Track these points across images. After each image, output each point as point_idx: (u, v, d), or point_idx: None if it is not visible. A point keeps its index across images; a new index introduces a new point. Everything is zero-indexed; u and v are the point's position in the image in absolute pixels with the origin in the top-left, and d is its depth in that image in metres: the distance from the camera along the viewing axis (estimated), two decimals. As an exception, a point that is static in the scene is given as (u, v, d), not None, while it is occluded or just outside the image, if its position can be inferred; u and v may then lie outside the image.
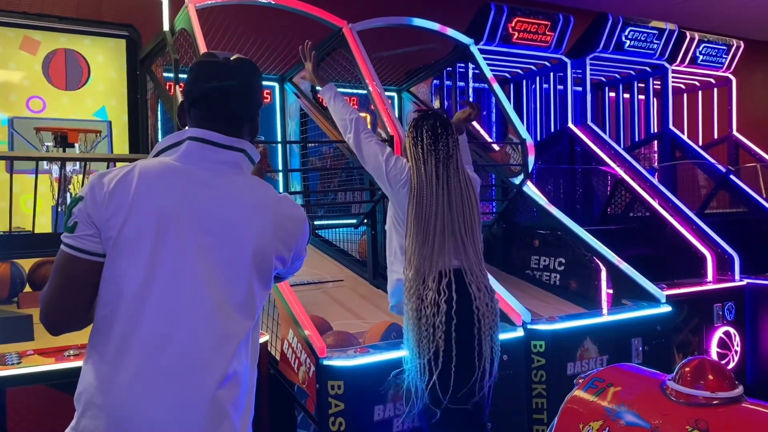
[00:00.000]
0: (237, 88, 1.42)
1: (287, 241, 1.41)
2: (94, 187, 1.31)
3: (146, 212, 1.30)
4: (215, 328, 1.31)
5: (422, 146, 2.47)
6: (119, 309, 1.28)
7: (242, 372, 1.35)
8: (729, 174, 5.94)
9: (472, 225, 2.46)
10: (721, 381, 1.57)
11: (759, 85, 9.69)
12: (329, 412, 2.57)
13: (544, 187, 5.63)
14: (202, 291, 1.31)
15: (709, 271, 4.60)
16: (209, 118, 1.40)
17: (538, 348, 3.23)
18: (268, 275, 1.40)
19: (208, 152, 1.37)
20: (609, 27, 5.90)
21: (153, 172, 1.34)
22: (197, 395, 1.28)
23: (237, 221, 1.35)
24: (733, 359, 4.42)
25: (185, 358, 1.28)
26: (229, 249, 1.33)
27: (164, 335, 1.28)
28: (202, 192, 1.34)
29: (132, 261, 1.29)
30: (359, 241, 4.31)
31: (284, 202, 1.44)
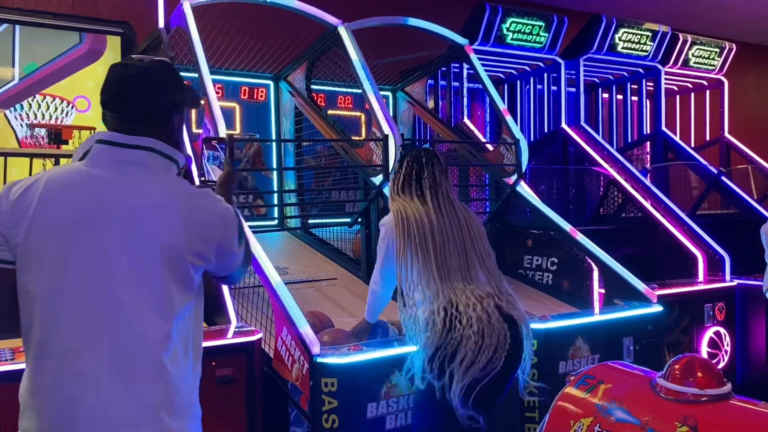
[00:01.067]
0: (142, 83, 1.42)
1: (203, 237, 1.38)
2: (2, 197, 1.36)
3: (50, 219, 1.32)
4: (131, 329, 1.31)
5: (408, 178, 2.44)
6: (34, 316, 1.32)
7: (173, 372, 1.34)
8: (720, 175, 5.99)
9: (473, 242, 2.38)
10: (710, 378, 1.60)
11: (751, 88, 9.76)
12: (323, 409, 2.58)
13: (537, 188, 5.66)
14: (113, 292, 1.31)
15: (700, 272, 4.63)
16: (118, 118, 1.41)
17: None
18: (185, 273, 1.37)
19: (113, 153, 1.38)
20: (603, 28, 5.93)
21: (58, 179, 1.36)
22: (119, 395, 1.29)
23: (144, 220, 1.34)
24: (723, 359, 4.46)
25: (103, 360, 1.29)
26: (138, 248, 1.33)
27: (80, 339, 1.30)
28: (108, 193, 1.35)
29: (40, 268, 1.32)
30: (353, 239, 4.33)
31: (198, 197, 1.42)
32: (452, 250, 2.34)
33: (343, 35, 4.11)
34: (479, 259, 2.38)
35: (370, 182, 3.90)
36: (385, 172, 3.72)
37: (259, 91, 5.09)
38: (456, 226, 2.38)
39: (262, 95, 5.11)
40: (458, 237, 2.36)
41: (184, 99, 1.50)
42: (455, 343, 2.20)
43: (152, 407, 1.31)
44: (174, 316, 1.36)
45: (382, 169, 3.74)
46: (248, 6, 4.05)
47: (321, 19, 4.16)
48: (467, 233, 2.39)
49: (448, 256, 2.32)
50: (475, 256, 2.37)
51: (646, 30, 6.26)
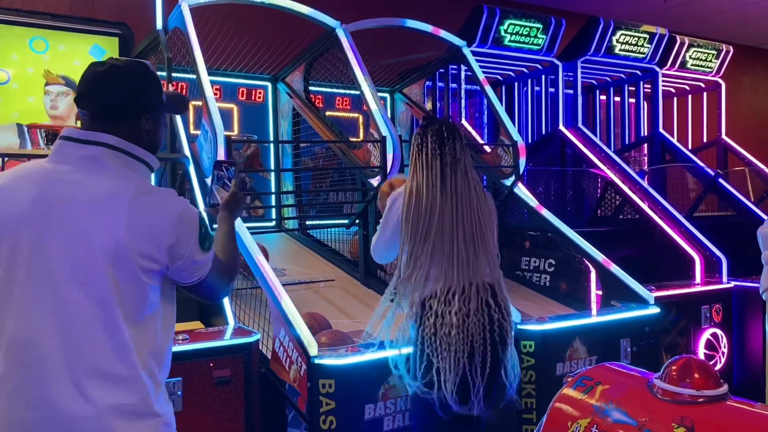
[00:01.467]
0: (109, 81, 1.42)
1: (150, 237, 1.35)
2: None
3: (3, 214, 1.34)
4: (77, 329, 1.30)
5: (427, 151, 2.36)
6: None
7: (126, 375, 1.32)
8: (718, 177, 6.00)
9: (482, 231, 2.34)
10: (706, 379, 1.60)
11: (748, 90, 9.78)
12: (320, 410, 2.58)
13: (534, 189, 5.66)
14: (58, 291, 1.30)
15: (697, 274, 4.64)
16: (87, 116, 1.42)
17: (528, 348, 3.26)
18: (132, 275, 1.33)
19: (69, 149, 1.39)
20: (600, 30, 5.94)
21: (19, 174, 1.39)
22: (66, 394, 1.27)
23: (87, 218, 1.32)
24: (720, 361, 4.46)
25: (49, 360, 1.28)
26: (82, 247, 1.32)
27: (26, 338, 1.29)
28: (56, 190, 1.35)
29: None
30: (351, 241, 4.33)
31: (148, 194, 1.38)
32: (458, 235, 2.30)
33: (341, 37, 4.11)
34: (483, 248, 2.35)
35: (368, 183, 3.90)
36: (383, 173, 3.72)
37: (257, 93, 5.09)
38: (467, 209, 2.32)
39: (260, 96, 5.11)
40: (467, 222, 2.31)
41: (156, 102, 1.48)
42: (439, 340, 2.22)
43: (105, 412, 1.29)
44: (133, 321, 1.33)
45: (380, 171, 3.74)
46: (246, 7, 4.05)
47: (319, 21, 4.16)
48: (476, 219, 2.34)
49: (453, 242, 2.29)
50: (481, 244, 2.34)
51: (644, 32, 6.27)
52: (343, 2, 5.51)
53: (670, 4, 7.80)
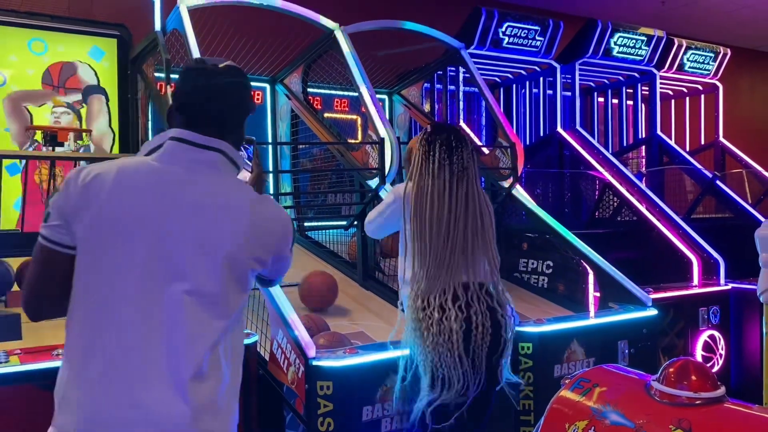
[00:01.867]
0: (221, 93, 1.43)
1: (264, 243, 1.40)
2: (70, 181, 1.34)
3: (118, 210, 1.31)
4: (185, 327, 1.30)
5: (435, 160, 2.36)
6: (88, 305, 1.30)
7: (218, 374, 1.34)
8: (715, 180, 6.01)
9: (486, 237, 2.38)
10: (704, 381, 1.61)
11: (745, 92, 9.80)
12: (318, 412, 2.58)
13: (533, 191, 5.67)
14: (171, 289, 1.30)
15: (695, 276, 4.65)
16: (193, 122, 1.42)
17: (526, 350, 3.26)
18: (244, 276, 1.39)
19: (185, 152, 1.39)
20: (598, 33, 5.96)
21: (130, 170, 1.36)
22: (167, 393, 1.27)
23: (209, 221, 1.34)
24: (717, 363, 4.47)
25: (153, 357, 1.28)
26: (201, 249, 1.33)
27: (133, 332, 1.28)
28: (176, 191, 1.35)
29: (101, 258, 1.30)
30: (349, 242, 4.32)
31: (263, 203, 1.44)
32: (463, 241, 2.33)
33: (340, 38, 4.12)
34: (485, 252, 2.38)
35: (366, 185, 3.90)
36: (381, 175, 3.72)
37: (256, 94, 5.09)
38: (473, 217, 2.35)
39: (258, 98, 5.11)
40: (472, 229, 2.34)
41: (252, 106, 1.53)
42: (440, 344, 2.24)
43: (197, 410, 1.29)
44: (227, 318, 1.36)
45: (378, 172, 3.74)
46: (245, 9, 4.06)
47: (318, 23, 4.17)
48: (480, 225, 2.37)
49: (457, 247, 2.32)
50: (483, 249, 2.37)
51: (642, 34, 6.29)
52: (342, 4, 5.51)
53: (667, 6, 7.82)
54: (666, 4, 7.76)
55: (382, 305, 3.59)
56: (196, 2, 3.78)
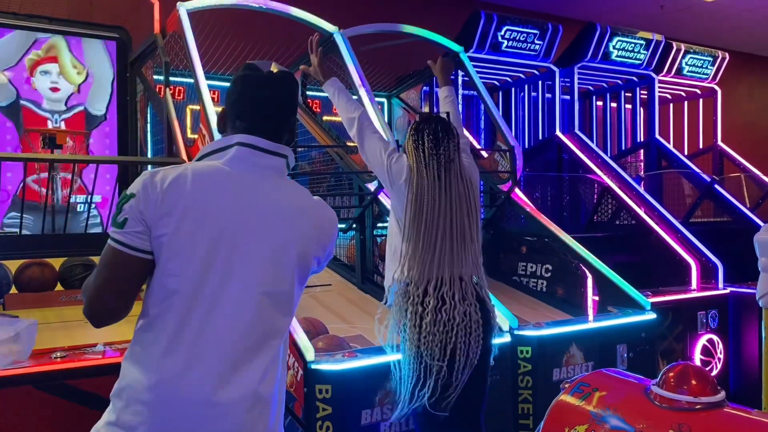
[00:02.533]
0: (283, 100, 1.50)
1: (324, 243, 1.51)
2: (147, 185, 1.34)
3: (200, 213, 1.35)
4: (261, 326, 1.38)
5: (423, 150, 2.44)
6: (171, 307, 1.33)
7: (278, 369, 1.43)
8: (714, 183, 6.02)
9: (472, 230, 2.44)
10: (703, 386, 1.60)
11: (743, 96, 9.82)
12: (317, 415, 2.57)
13: (531, 195, 5.67)
14: (251, 291, 1.37)
15: (693, 279, 4.65)
16: (254, 127, 1.46)
17: (525, 354, 3.25)
18: (307, 275, 1.50)
19: (255, 158, 1.44)
20: (597, 37, 5.97)
21: (206, 174, 1.39)
22: (243, 390, 1.34)
23: (284, 224, 1.43)
24: (716, 366, 4.47)
25: (232, 357, 1.34)
26: (276, 251, 1.41)
27: (214, 335, 1.33)
28: (252, 195, 1.41)
29: (185, 261, 1.33)
30: (348, 245, 4.32)
31: (321, 205, 1.54)
32: (452, 233, 2.39)
33: (339, 42, 4.12)
34: (472, 244, 2.44)
35: (365, 188, 3.90)
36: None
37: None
38: (460, 209, 2.42)
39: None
40: (459, 221, 2.40)
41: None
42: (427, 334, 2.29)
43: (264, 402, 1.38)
44: (292, 314, 1.47)
45: (376, 176, 3.74)
46: (244, 12, 4.06)
47: (317, 26, 4.17)
48: (467, 218, 2.43)
49: (446, 239, 2.38)
50: (469, 240, 2.43)
51: (640, 38, 6.30)
52: (342, 8, 5.52)
53: (666, 10, 7.84)
54: (665, 8, 7.78)
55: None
56: (196, 5, 3.78)
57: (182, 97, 4.71)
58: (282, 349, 1.45)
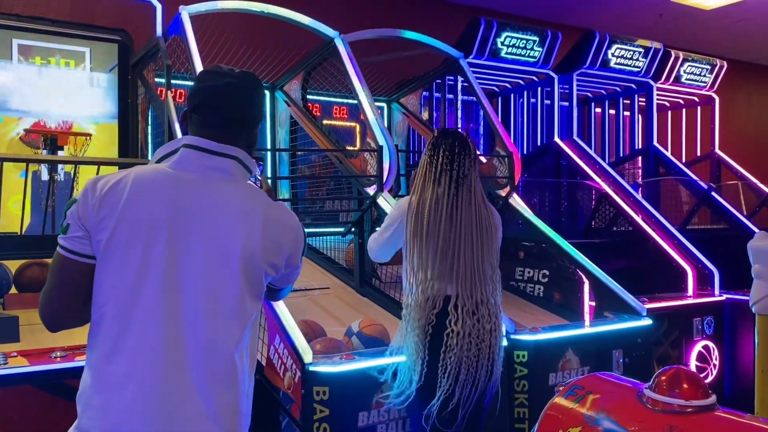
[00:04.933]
0: (235, 94, 1.46)
1: (277, 249, 1.42)
2: (88, 191, 1.36)
3: (137, 217, 1.33)
4: (204, 332, 1.33)
5: (437, 165, 2.42)
6: (110, 312, 1.32)
7: (235, 378, 1.36)
8: (711, 191, 6.05)
9: (482, 247, 2.39)
10: (695, 390, 1.63)
11: (741, 105, 9.87)
12: (314, 417, 2.59)
13: (529, 200, 5.69)
14: (190, 296, 1.33)
15: (689, 286, 4.68)
16: (207, 123, 1.44)
17: (521, 358, 3.27)
18: (259, 282, 1.41)
19: (200, 159, 1.41)
20: (596, 44, 6.00)
21: (146, 178, 1.37)
22: (186, 397, 1.30)
23: (225, 227, 1.37)
24: (711, 373, 4.49)
25: (173, 362, 1.30)
26: (218, 254, 1.35)
27: (154, 339, 1.31)
28: (192, 198, 1.37)
29: (122, 265, 1.32)
30: (346, 249, 4.34)
31: (275, 209, 1.46)
32: (461, 249, 2.36)
33: (340, 47, 4.15)
34: (486, 263, 2.41)
35: (364, 192, 3.93)
36: (379, 182, 3.75)
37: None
38: (471, 225, 2.38)
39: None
40: (467, 237, 2.37)
41: (263, 114, 1.56)
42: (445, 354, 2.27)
43: (218, 414, 1.33)
44: (244, 323, 1.39)
45: (376, 180, 3.77)
46: (246, 16, 4.09)
47: (318, 31, 4.20)
48: (477, 234, 2.39)
49: (453, 252, 2.36)
50: (479, 259, 2.39)
51: (639, 46, 6.34)
52: (342, 13, 5.56)
53: (665, 19, 7.89)
54: (663, 16, 7.83)
55: (378, 312, 3.61)
56: (198, 9, 3.81)
57: (183, 100, 4.74)
58: (237, 359, 1.36)
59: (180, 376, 1.31)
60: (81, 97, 4.46)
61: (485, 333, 2.35)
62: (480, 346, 2.33)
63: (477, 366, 2.33)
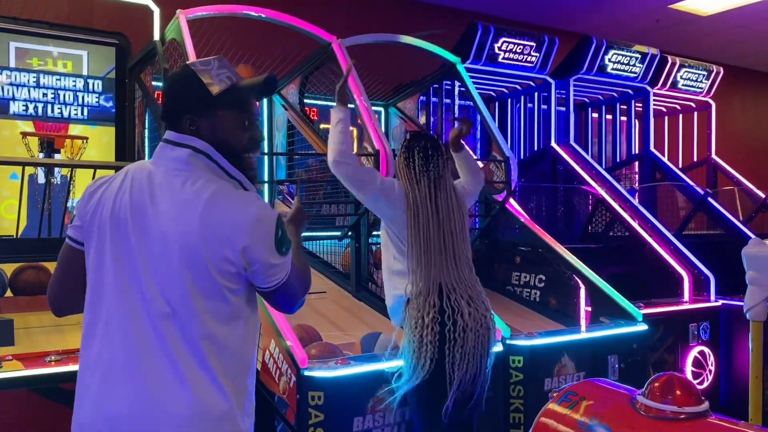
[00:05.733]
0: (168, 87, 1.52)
1: (226, 240, 1.33)
2: (88, 187, 1.50)
3: (107, 208, 1.41)
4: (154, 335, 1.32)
5: (414, 167, 2.56)
6: (88, 299, 1.42)
7: (201, 378, 1.32)
8: (707, 196, 6.06)
9: (462, 241, 2.55)
10: (688, 396, 1.63)
11: (737, 110, 9.90)
12: (309, 422, 2.59)
13: (526, 205, 5.70)
14: (140, 290, 1.34)
15: (685, 291, 4.68)
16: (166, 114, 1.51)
17: (517, 363, 3.28)
18: (208, 276, 1.33)
19: (164, 150, 1.45)
20: (593, 50, 6.02)
21: (129, 173, 1.46)
22: (141, 397, 1.31)
23: (167, 219, 1.35)
24: (707, 378, 4.49)
25: (129, 360, 1.33)
26: (161, 246, 1.35)
27: (113, 335, 1.35)
28: (150, 189, 1.40)
29: (95, 254, 1.42)
30: (343, 253, 4.35)
31: (224, 198, 1.36)
32: (445, 240, 2.51)
33: (337, 51, 4.16)
34: (464, 256, 2.56)
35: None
36: (375, 187, 3.75)
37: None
38: (450, 223, 2.53)
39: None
40: (449, 236, 2.52)
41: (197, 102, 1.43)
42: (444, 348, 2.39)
43: (180, 410, 1.31)
44: (202, 322, 1.33)
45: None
46: (244, 20, 4.09)
47: (315, 35, 4.21)
48: (458, 232, 2.55)
49: (441, 244, 2.50)
50: (462, 253, 2.55)
51: (636, 52, 6.36)
52: (340, 17, 5.57)
53: (662, 24, 7.92)
54: (660, 22, 7.86)
55: (374, 316, 3.61)
56: (196, 13, 3.82)
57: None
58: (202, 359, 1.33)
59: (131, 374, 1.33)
60: (78, 100, 4.46)
61: (481, 319, 2.48)
62: (478, 333, 2.45)
63: (479, 354, 2.46)
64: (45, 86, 4.36)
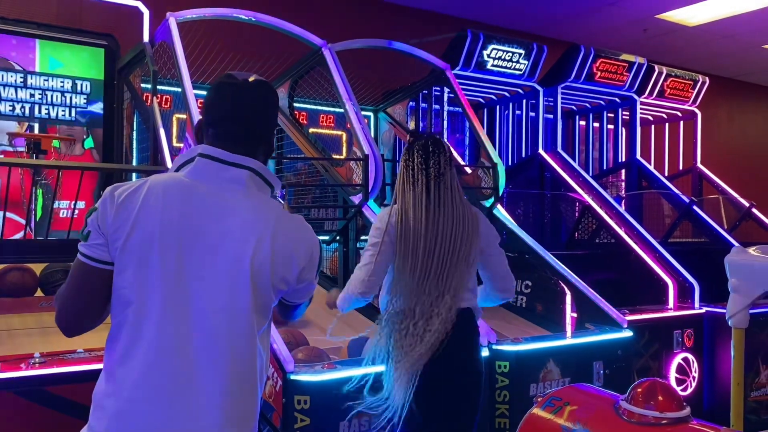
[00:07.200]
0: (252, 109, 1.47)
1: (288, 261, 1.41)
2: (107, 199, 1.38)
3: (150, 224, 1.35)
4: (214, 341, 1.35)
5: (413, 166, 2.41)
6: (127, 319, 1.34)
7: (243, 386, 1.38)
8: (692, 205, 6.12)
9: (460, 247, 2.35)
10: (669, 402, 1.65)
11: (723, 120, 10.01)
12: (295, 426, 2.59)
13: (514, 211, 5.73)
14: (198, 307, 1.35)
15: (670, 299, 4.72)
16: (224, 137, 1.45)
17: (502, 368, 3.29)
18: (266, 295, 1.41)
19: (215, 169, 1.42)
20: (581, 58, 6.07)
21: (160, 186, 1.39)
22: (199, 404, 1.33)
23: (235, 237, 1.37)
24: (690, 385, 4.53)
25: (185, 372, 1.33)
26: (227, 264, 1.36)
27: (164, 347, 1.33)
28: (204, 207, 1.38)
29: (136, 272, 1.35)
30: (330, 257, 4.35)
31: (289, 221, 1.45)
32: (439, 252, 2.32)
33: (327, 56, 4.17)
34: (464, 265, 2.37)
35: (350, 201, 3.94)
36: (364, 191, 3.76)
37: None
38: (449, 224, 2.34)
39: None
40: (447, 238, 2.33)
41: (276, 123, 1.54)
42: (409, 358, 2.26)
43: (228, 418, 1.35)
44: (251, 336, 1.39)
45: (361, 189, 3.78)
46: (233, 24, 4.10)
47: (306, 39, 4.22)
48: (458, 234, 2.35)
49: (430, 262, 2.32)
50: (459, 261, 2.35)
51: (623, 61, 6.42)
52: (330, 22, 5.59)
53: (649, 34, 8.00)
54: (648, 32, 7.94)
55: (361, 321, 3.61)
56: (185, 16, 3.82)
57: (169, 106, 4.73)
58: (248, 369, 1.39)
59: (180, 389, 1.32)
60: (66, 101, 4.44)
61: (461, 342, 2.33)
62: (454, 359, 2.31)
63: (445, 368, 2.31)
64: (32, 87, 4.34)
